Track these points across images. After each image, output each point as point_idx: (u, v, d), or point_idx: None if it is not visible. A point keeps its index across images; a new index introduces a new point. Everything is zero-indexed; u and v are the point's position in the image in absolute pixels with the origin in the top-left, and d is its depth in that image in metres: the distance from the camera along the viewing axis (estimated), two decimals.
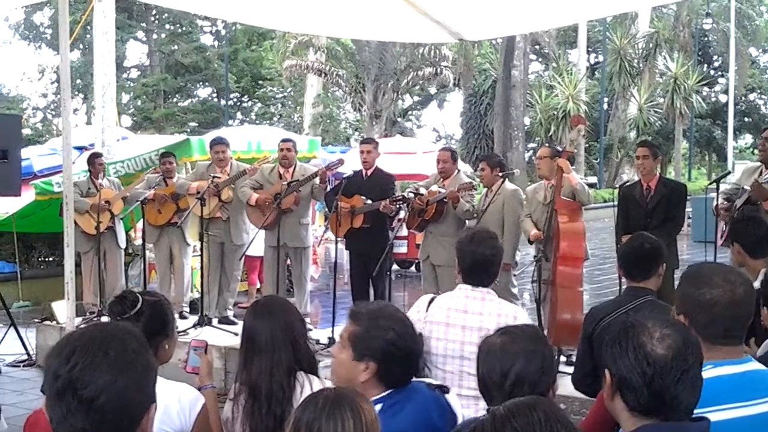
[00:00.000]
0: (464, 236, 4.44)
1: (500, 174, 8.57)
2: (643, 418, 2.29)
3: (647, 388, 2.24)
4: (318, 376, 3.57)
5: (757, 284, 4.15)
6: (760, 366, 2.88)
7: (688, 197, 8.47)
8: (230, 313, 9.91)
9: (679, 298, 2.85)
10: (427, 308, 4.36)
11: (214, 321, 9.70)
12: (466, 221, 8.75)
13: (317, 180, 9.12)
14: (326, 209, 10.01)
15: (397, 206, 8.81)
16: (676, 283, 2.96)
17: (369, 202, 8.86)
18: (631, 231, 6.74)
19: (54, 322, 9.89)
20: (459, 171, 9.12)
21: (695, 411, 2.33)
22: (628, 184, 8.53)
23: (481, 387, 3.02)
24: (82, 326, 2.05)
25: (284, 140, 9.72)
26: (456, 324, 4.20)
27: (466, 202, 8.48)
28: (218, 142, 10.00)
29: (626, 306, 4.21)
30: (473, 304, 4.27)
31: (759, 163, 7.58)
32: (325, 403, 2.35)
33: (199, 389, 3.50)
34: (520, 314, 4.34)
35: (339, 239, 9.21)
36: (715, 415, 2.46)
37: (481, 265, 4.30)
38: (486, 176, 8.64)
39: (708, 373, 2.45)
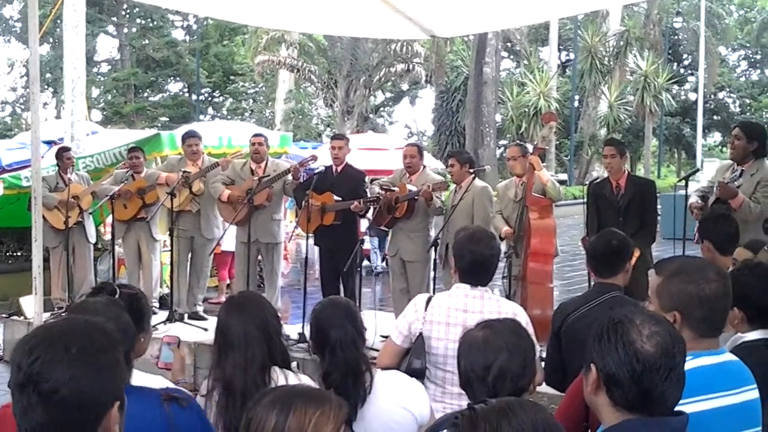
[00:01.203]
0: (462, 235, 4.41)
1: (470, 171, 8.56)
2: (627, 413, 2.30)
3: (636, 384, 2.25)
4: (292, 371, 3.56)
5: None
6: (734, 357, 2.92)
7: (657, 194, 8.49)
8: (200, 309, 9.88)
9: (671, 295, 2.84)
10: (426, 307, 4.34)
11: (185, 317, 9.67)
12: (434, 217, 8.78)
13: (290, 176, 9.10)
14: (296, 205, 9.96)
15: (369, 206, 8.80)
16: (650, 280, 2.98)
17: (339, 199, 8.85)
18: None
19: (22, 317, 9.85)
20: (425, 167, 9.13)
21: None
22: (597, 181, 8.55)
23: (463, 381, 3.02)
24: (51, 320, 2.03)
25: (256, 135, 9.70)
26: (457, 323, 4.17)
27: (437, 198, 8.50)
28: (191, 135, 9.99)
29: (593, 302, 4.26)
30: (473, 303, 4.27)
31: (731, 161, 7.61)
32: (264, 397, 2.34)
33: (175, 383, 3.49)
34: (519, 312, 4.34)
35: (309, 235, 9.20)
36: (696, 405, 2.49)
37: (480, 265, 4.29)
38: (455, 172, 8.61)
39: (689, 364, 2.46)
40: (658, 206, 8.30)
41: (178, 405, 2.89)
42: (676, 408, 2.32)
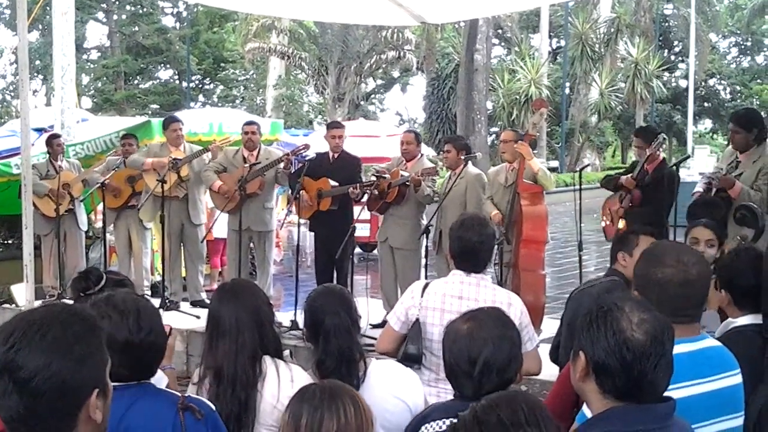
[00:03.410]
0: (455, 222, 4.45)
1: (464, 157, 8.57)
2: (615, 401, 2.29)
3: (625, 373, 2.24)
4: (284, 360, 3.55)
5: None
6: (715, 343, 2.92)
7: None
8: (204, 296, 9.79)
9: (635, 276, 2.90)
10: (422, 294, 4.36)
11: (184, 305, 9.62)
12: (426, 205, 8.78)
13: (281, 165, 9.10)
14: (289, 191, 9.95)
15: (365, 190, 8.82)
16: None
17: (336, 184, 8.86)
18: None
19: (13, 305, 9.82)
20: (422, 155, 9.14)
21: None
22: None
23: (448, 373, 3.02)
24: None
25: (248, 123, 9.69)
26: (452, 310, 4.16)
27: (427, 186, 8.49)
28: (174, 120, 10.01)
29: (594, 281, 4.47)
30: (468, 290, 4.28)
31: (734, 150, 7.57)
32: (323, 395, 2.34)
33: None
34: (514, 300, 4.35)
35: (303, 222, 9.21)
36: (673, 393, 2.49)
37: (470, 252, 4.31)
38: (451, 158, 8.60)
39: None
40: None
41: (192, 416, 2.81)
42: None
